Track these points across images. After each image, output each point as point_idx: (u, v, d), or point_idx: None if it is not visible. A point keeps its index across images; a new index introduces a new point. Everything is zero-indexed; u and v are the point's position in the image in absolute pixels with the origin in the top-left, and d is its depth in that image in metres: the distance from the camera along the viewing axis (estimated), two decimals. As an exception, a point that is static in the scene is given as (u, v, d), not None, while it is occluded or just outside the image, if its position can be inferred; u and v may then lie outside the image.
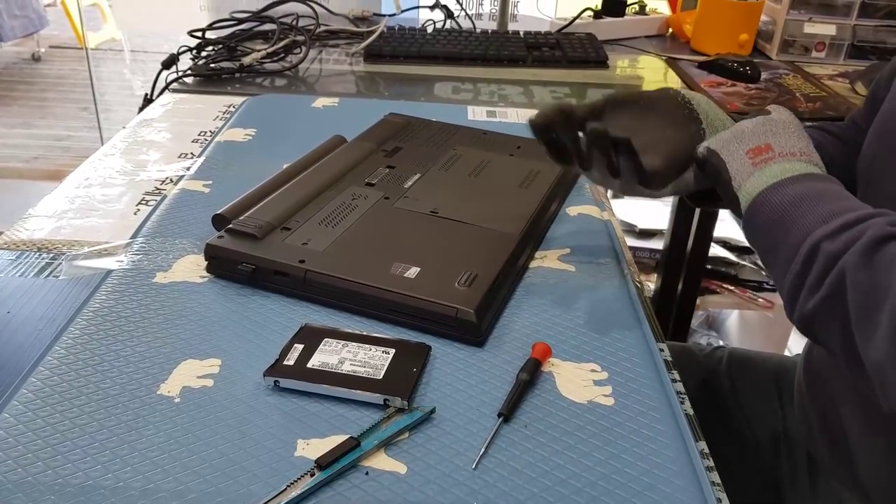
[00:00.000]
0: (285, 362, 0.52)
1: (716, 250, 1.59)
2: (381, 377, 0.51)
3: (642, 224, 1.69)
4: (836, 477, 0.65)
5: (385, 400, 0.50)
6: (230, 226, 0.64)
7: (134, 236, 0.70)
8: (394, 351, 0.54)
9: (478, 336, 0.56)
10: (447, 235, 0.65)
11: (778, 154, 0.54)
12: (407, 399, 0.49)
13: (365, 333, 0.56)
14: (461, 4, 1.58)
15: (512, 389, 0.51)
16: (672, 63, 1.34)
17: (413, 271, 0.60)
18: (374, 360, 0.53)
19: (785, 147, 0.54)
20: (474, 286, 0.58)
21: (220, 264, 0.63)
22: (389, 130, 0.88)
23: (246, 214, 0.66)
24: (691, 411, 0.54)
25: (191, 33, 1.26)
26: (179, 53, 1.19)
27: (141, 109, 1.07)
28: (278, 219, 0.65)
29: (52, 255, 0.68)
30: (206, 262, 0.63)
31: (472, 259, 0.62)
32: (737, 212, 0.55)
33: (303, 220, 0.66)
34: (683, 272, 1.48)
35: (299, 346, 0.53)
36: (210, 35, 1.26)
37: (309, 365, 0.52)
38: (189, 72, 1.15)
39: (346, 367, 0.52)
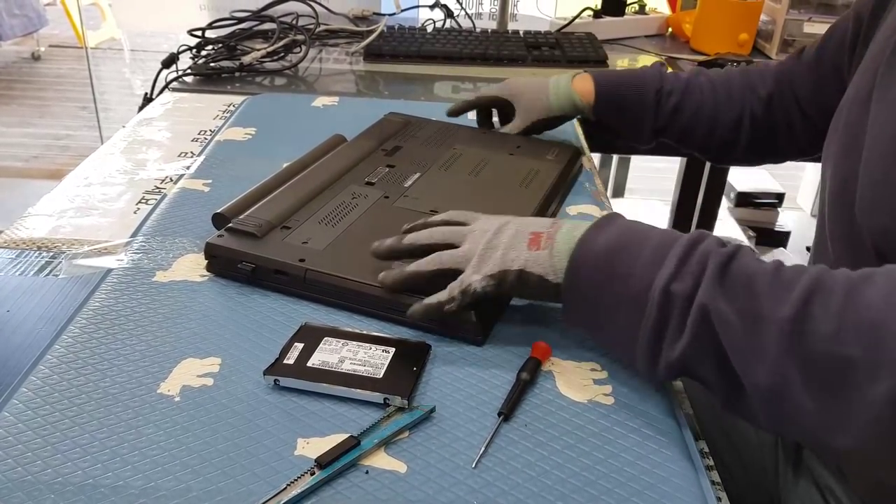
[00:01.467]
0: (285, 361, 0.52)
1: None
2: (381, 376, 0.51)
3: (642, 224, 1.68)
4: (828, 467, 0.65)
5: (385, 399, 0.50)
6: (230, 225, 0.64)
7: (134, 235, 0.70)
8: (394, 350, 0.54)
9: (478, 335, 0.56)
10: None
11: (549, 229, 0.53)
12: (407, 398, 0.49)
13: (365, 332, 0.56)
14: (461, 4, 1.58)
15: (512, 389, 0.51)
16: (672, 62, 1.34)
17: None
18: (373, 359, 0.53)
19: (543, 223, 0.54)
20: None
21: (220, 263, 0.62)
22: (389, 129, 0.88)
23: (246, 213, 0.66)
24: (691, 410, 0.54)
25: (190, 32, 1.26)
26: (179, 52, 1.19)
27: (141, 108, 1.07)
28: (278, 218, 0.65)
29: (51, 253, 0.68)
30: (206, 262, 0.63)
31: None
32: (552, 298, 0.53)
33: (303, 218, 0.66)
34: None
35: (299, 346, 0.53)
36: (210, 34, 1.26)
37: (309, 364, 0.52)
38: (189, 71, 1.15)
39: (346, 366, 0.52)
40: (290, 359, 0.52)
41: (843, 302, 0.40)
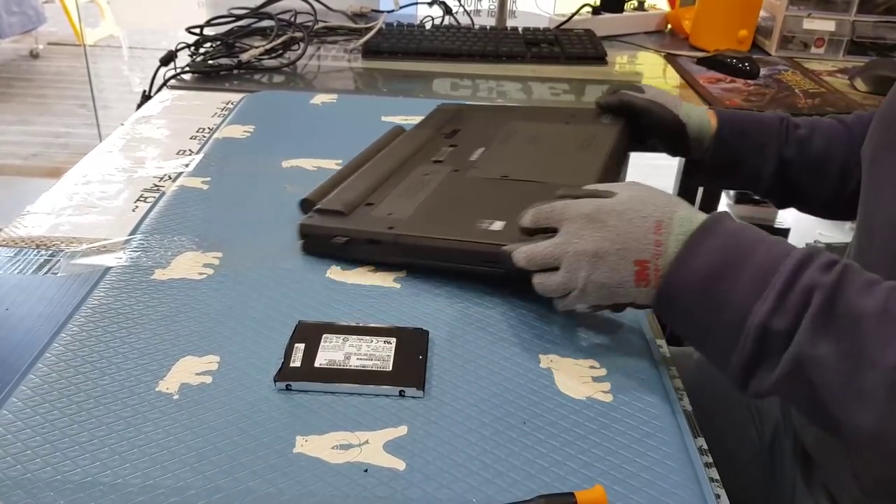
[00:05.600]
0: (292, 365, 0.52)
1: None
2: (390, 369, 0.51)
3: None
4: (829, 469, 0.65)
5: (401, 391, 0.50)
6: (318, 206, 0.67)
7: (132, 233, 0.70)
8: (395, 340, 0.54)
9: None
10: (523, 194, 0.65)
11: (652, 257, 0.50)
12: (422, 389, 0.50)
13: (361, 325, 0.56)
14: (459, 1, 1.58)
15: None
16: (671, 59, 1.34)
17: (498, 225, 0.61)
18: (379, 352, 0.53)
19: (644, 245, 0.50)
20: None
21: (314, 241, 0.66)
22: (444, 117, 0.90)
23: (329, 196, 0.69)
24: (690, 408, 0.54)
25: (189, 30, 1.26)
26: (177, 50, 1.18)
27: (139, 106, 1.07)
28: (360, 197, 0.69)
29: (50, 251, 0.68)
30: (301, 242, 0.67)
31: None
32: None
33: (383, 195, 0.69)
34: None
35: (300, 346, 0.53)
36: (208, 32, 1.26)
37: (316, 364, 0.52)
38: (187, 68, 1.15)
39: (354, 362, 0.52)
40: (296, 361, 0.52)
41: None
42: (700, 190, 1.78)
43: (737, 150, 0.77)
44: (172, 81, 1.12)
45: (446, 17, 1.50)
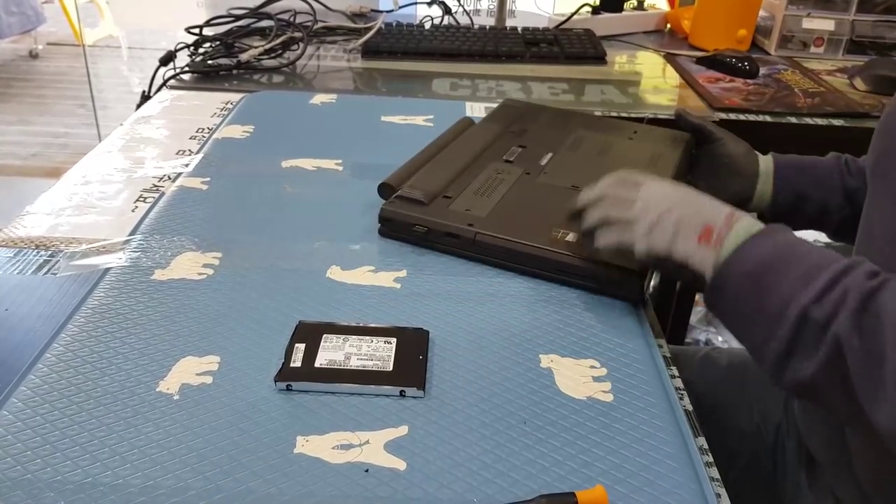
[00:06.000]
0: (292, 365, 0.52)
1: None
2: (391, 369, 0.51)
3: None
4: (832, 470, 0.65)
5: (402, 391, 0.50)
6: (400, 193, 0.70)
7: (132, 233, 0.70)
8: (395, 340, 0.54)
9: (639, 294, 0.61)
10: None
11: (721, 227, 0.53)
12: (423, 388, 0.50)
13: (361, 325, 0.56)
14: (459, 0, 1.58)
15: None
16: (670, 59, 1.34)
17: (572, 236, 0.64)
18: (379, 352, 0.53)
19: (717, 215, 0.54)
20: None
21: (394, 226, 0.69)
22: (512, 114, 0.92)
23: (409, 183, 0.71)
24: (690, 407, 0.54)
25: (188, 30, 1.26)
26: (177, 50, 1.18)
27: (139, 106, 1.07)
28: (440, 187, 0.71)
29: (50, 252, 0.68)
30: (380, 226, 0.69)
31: None
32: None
33: (459, 189, 0.72)
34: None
35: (301, 346, 0.53)
36: (207, 32, 1.26)
37: (317, 364, 0.52)
38: (186, 68, 1.15)
39: (355, 363, 0.52)
40: (297, 361, 0.52)
41: None
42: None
43: (798, 185, 0.76)
44: (172, 81, 1.12)
45: (445, 17, 1.50)
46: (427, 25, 1.40)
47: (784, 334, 0.48)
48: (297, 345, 0.53)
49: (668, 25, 1.55)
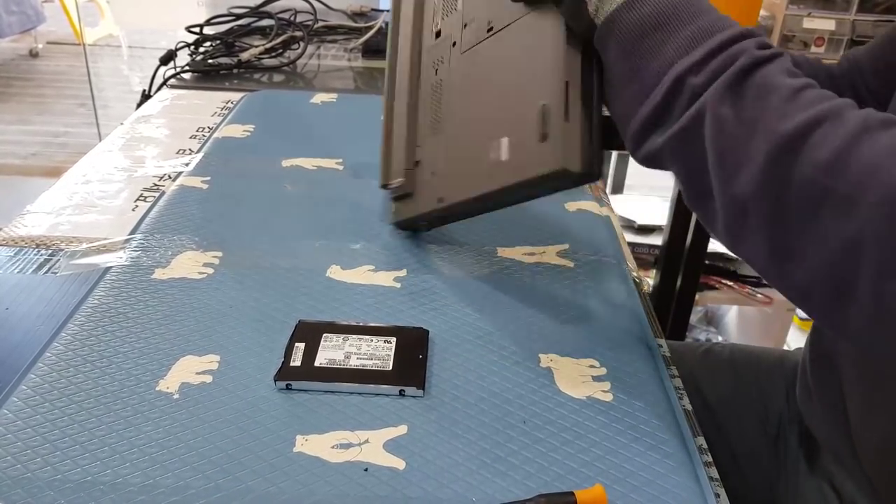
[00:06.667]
0: (292, 364, 0.52)
1: (714, 246, 1.59)
2: (390, 368, 0.51)
3: (641, 220, 1.69)
4: (834, 452, 0.65)
5: (401, 391, 0.50)
6: (393, 195, 0.69)
7: (132, 233, 0.70)
8: (395, 339, 0.54)
9: (595, 178, 0.52)
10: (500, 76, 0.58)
11: None
12: (422, 388, 0.50)
13: (361, 324, 0.56)
14: (459, 0, 1.57)
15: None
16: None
17: (504, 147, 0.55)
18: (379, 352, 0.53)
19: None
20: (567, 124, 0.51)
21: (406, 228, 0.71)
22: None
23: (395, 179, 0.69)
24: (690, 407, 0.54)
25: (188, 29, 1.26)
26: (177, 49, 1.18)
27: (139, 105, 1.07)
28: (410, 158, 0.68)
29: (50, 251, 0.68)
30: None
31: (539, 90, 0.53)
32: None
33: (422, 141, 0.67)
34: (682, 268, 1.48)
35: (300, 345, 0.53)
36: (208, 31, 1.26)
37: (316, 364, 0.52)
38: (187, 68, 1.15)
39: (354, 362, 0.52)
40: (296, 360, 0.52)
41: (850, 138, 0.38)
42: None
43: None
44: (172, 81, 1.12)
45: (446, 17, 1.50)
46: (427, 25, 1.40)
47: (656, 98, 0.44)
48: (296, 344, 0.53)
49: (669, 25, 1.55)
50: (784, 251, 0.40)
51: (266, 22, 1.29)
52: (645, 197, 2.41)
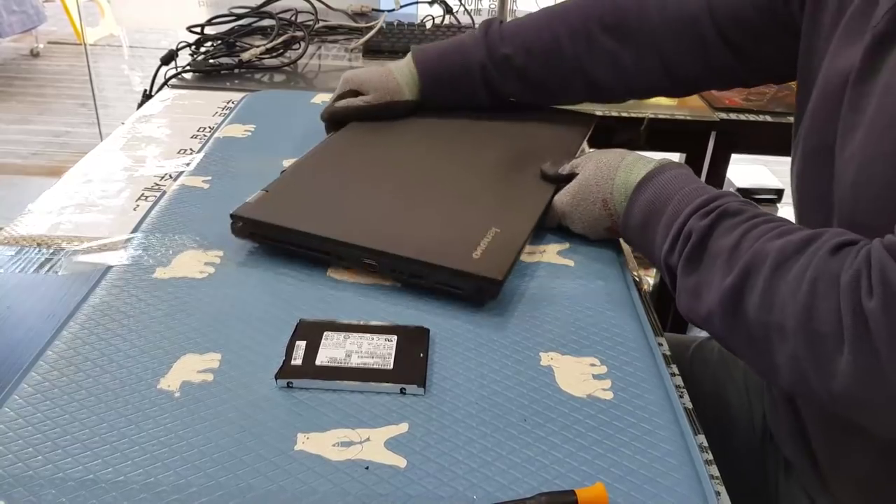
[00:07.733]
0: (293, 362, 0.52)
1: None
2: (391, 366, 0.52)
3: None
4: (800, 466, 0.66)
5: (402, 389, 0.50)
6: None
7: (133, 232, 0.70)
8: (396, 338, 0.54)
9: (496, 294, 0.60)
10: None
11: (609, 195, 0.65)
12: (423, 386, 0.50)
13: (362, 323, 0.56)
14: (460, 0, 1.58)
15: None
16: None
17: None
18: (380, 350, 0.53)
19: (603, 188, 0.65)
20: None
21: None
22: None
23: None
24: (690, 405, 0.54)
25: (190, 29, 1.26)
26: (178, 49, 1.19)
27: (140, 105, 1.07)
28: None
29: (51, 250, 0.68)
30: None
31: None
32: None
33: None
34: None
35: (302, 344, 0.53)
36: (209, 31, 1.26)
37: (318, 362, 0.52)
38: (188, 68, 1.15)
39: (355, 360, 0.52)
40: (297, 359, 0.52)
41: (770, 278, 0.48)
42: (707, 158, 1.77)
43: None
44: (173, 80, 1.12)
45: (447, 17, 1.50)
46: (428, 25, 1.40)
47: (666, 280, 0.58)
48: (297, 342, 0.54)
49: (669, 25, 1.54)
50: (760, 369, 0.53)
51: (267, 22, 1.29)
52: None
